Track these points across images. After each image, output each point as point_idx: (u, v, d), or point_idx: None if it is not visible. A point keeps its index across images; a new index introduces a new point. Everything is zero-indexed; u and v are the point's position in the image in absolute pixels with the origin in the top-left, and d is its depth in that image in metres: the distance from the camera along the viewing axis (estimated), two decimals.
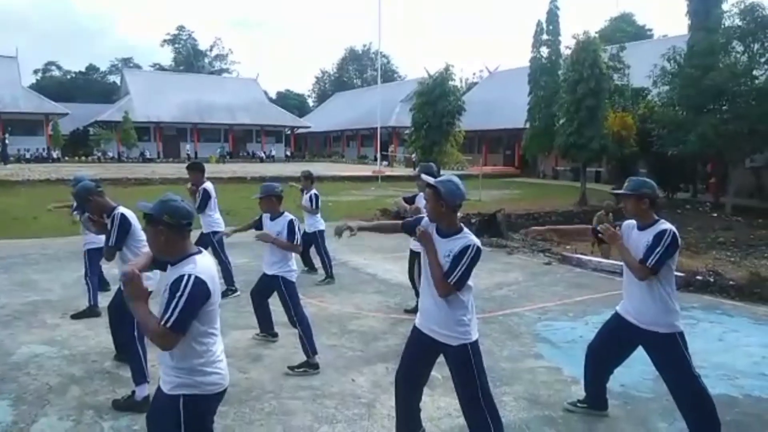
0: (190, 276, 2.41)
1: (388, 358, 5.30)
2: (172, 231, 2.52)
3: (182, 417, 2.51)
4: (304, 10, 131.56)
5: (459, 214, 3.31)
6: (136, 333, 4.32)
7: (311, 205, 8.39)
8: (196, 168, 7.45)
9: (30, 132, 42.12)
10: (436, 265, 3.16)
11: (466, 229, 3.25)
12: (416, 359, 3.42)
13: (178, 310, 2.37)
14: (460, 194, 3.19)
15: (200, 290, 2.43)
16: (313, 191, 8.48)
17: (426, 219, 3.35)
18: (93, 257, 6.49)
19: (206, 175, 7.51)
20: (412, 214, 5.98)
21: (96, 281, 6.69)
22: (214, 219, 7.41)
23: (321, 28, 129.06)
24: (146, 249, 4.47)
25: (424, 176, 3.35)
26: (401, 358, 3.51)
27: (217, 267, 3.35)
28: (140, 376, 4.25)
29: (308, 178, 8.63)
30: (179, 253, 2.55)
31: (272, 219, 5.16)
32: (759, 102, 16.63)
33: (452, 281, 3.11)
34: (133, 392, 4.26)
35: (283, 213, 5.14)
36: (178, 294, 2.38)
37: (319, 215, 8.55)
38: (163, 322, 2.37)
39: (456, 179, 3.22)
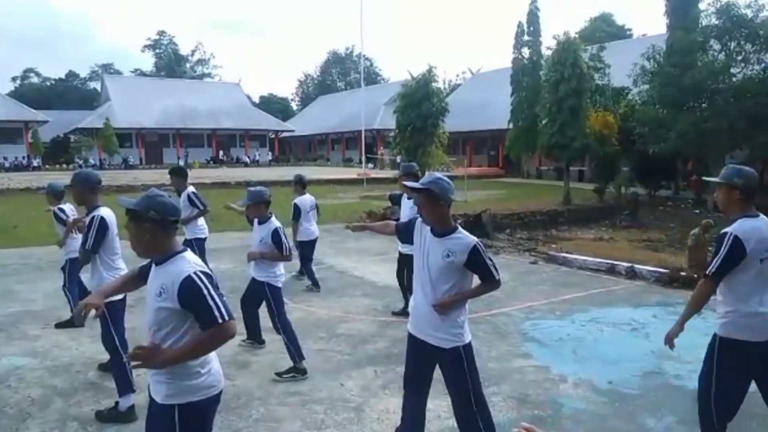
0: (196, 274, 2.30)
1: (376, 362, 5.27)
2: (158, 228, 2.37)
3: (178, 429, 2.36)
4: (286, 13, 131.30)
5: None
6: (118, 341, 4.25)
7: (292, 214, 7.90)
8: (177, 173, 7.32)
9: (9, 140, 41.54)
10: (480, 293, 3.29)
11: (459, 227, 3.19)
12: (417, 366, 3.34)
13: (219, 301, 2.27)
14: (452, 188, 3.14)
15: (214, 282, 2.35)
16: (296, 199, 7.97)
17: (419, 219, 3.26)
18: (74, 267, 6.38)
19: (189, 180, 7.41)
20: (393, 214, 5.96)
21: (76, 291, 6.52)
22: (198, 225, 7.31)
23: (303, 31, 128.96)
24: (120, 261, 4.42)
25: (409, 184, 3.25)
26: (405, 365, 3.43)
27: None
28: (125, 386, 4.17)
29: (297, 183, 8.20)
30: (165, 251, 2.40)
31: (260, 223, 5.09)
32: (737, 99, 16.87)
33: (496, 277, 3.18)
34: (117, 403, 4.18)
35: (270, 218, 5.04)
36: (205, 290, 2.27)
37: (304, 224, 7.96)
38: (220, 320, 2.24)
39: (439, 174, 3.16)
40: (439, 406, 4.29)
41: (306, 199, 8.10)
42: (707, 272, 3.27)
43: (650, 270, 8.69)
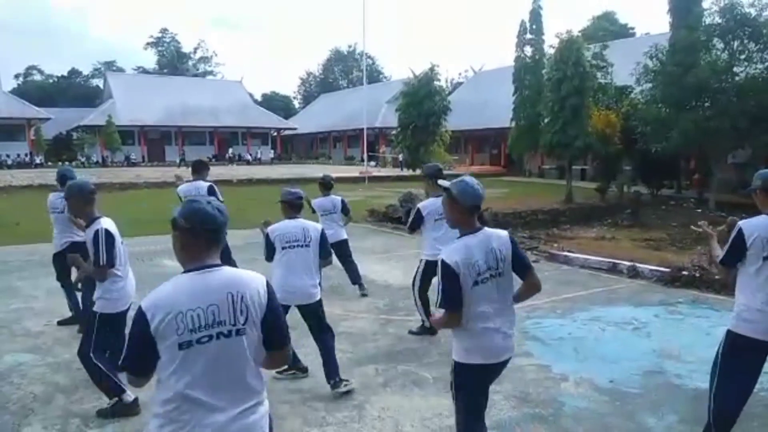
0: (139, 305, 1.99)
1: (377, 360, 5.28)
2: (187, 237, 2.08)
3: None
4: (288, 11, 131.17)
5: None
6: (90, 350, 4.12)
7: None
8: (192, 167, 7.09)
9: (12, 137, 41.61)
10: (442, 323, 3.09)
11: (486, 228, 3.05)
12: None
13: (125, 347, 2.02)
14: (472, 193, 2.96)
15: (137, 323, 1.96)
16: (314, 201, 7.57)
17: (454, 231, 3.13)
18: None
19: (185, 179, 7.23)
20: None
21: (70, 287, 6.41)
22: None
23: (305, 29, 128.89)
24: (128, 269, 4.26)
25: (440, 182, 3.16)
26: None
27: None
28: (115, 390, 4.14)
29: (319, 183, 7.83)
30: (189, 264, 2.09)
31: None
32: (740, 98, 16.80)
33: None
34: (119, 398, 4.19)
35: (296, 219, 4.67)
36: (130, 329, 2.04)
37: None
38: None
39: (468, 178, 3.04)
40: (439, 404, 4.31)
41: (320, 202, 7.70)
42: (719, 259, 3.44)
43: (652, 269, 8.68)
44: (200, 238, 2.07)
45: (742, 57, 17.57)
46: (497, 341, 2.98)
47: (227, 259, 6.87)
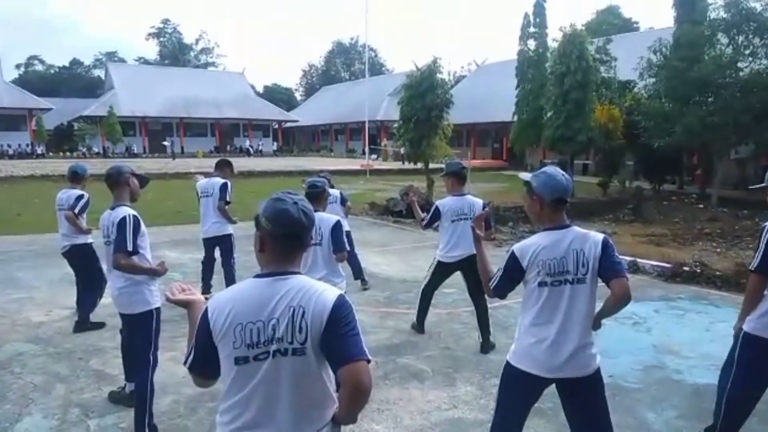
0: (206, 306, 1.90)
1: (377, 353, 5.27)
2: (266, 239, 1.89)
3: None
4: (291, 2, 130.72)
5: None
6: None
7: None
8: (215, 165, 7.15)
9: (13, 127, 41.54)
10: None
11: (574, 228, 2.76)
12: None
13: (192, 347, 1.90)
14: (553, 185, 2.65)
15: (201, 324, 1.86)
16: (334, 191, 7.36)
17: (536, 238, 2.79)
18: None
19: (197, 170, 7.34)
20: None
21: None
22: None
23: (308, 20, 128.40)
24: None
25: (521, 175, 2.87)
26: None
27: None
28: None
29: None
30: (264, 268, 1.91)
31: None
32: (743, 94, 16.72)
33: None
34: (125, 386, 4.23)
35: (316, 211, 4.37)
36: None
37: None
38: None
39: (551, 169, 2.74)
40: (438, 397, 4.32)
41: None
42: (749, 267, 3.19)
43: (653, 264, 8.67)
44: (280, 242, 1.88)
45: (747, 52, 17.47)
46: (554, 354, 2.70)
47: (228, 257, 6.91)
